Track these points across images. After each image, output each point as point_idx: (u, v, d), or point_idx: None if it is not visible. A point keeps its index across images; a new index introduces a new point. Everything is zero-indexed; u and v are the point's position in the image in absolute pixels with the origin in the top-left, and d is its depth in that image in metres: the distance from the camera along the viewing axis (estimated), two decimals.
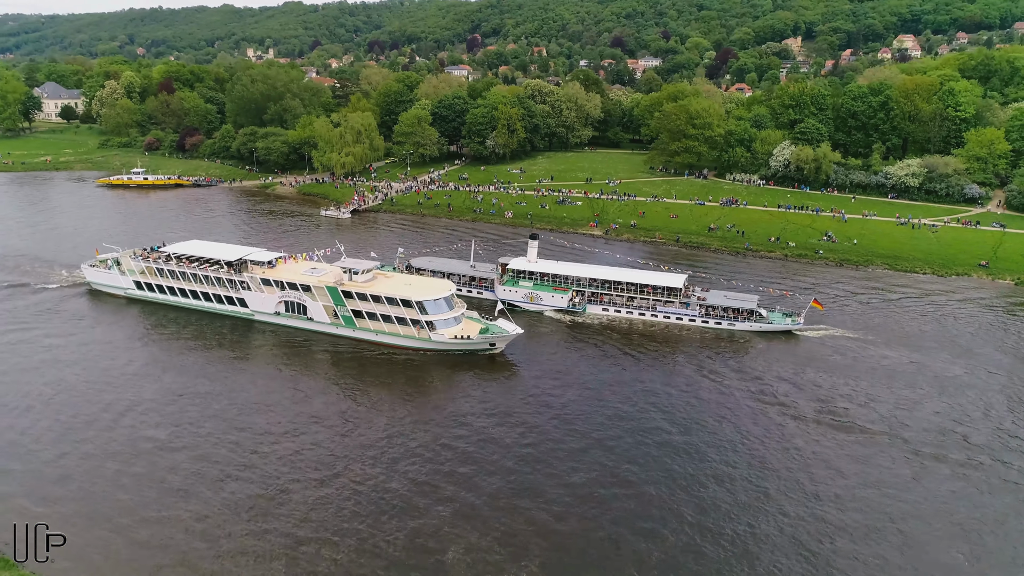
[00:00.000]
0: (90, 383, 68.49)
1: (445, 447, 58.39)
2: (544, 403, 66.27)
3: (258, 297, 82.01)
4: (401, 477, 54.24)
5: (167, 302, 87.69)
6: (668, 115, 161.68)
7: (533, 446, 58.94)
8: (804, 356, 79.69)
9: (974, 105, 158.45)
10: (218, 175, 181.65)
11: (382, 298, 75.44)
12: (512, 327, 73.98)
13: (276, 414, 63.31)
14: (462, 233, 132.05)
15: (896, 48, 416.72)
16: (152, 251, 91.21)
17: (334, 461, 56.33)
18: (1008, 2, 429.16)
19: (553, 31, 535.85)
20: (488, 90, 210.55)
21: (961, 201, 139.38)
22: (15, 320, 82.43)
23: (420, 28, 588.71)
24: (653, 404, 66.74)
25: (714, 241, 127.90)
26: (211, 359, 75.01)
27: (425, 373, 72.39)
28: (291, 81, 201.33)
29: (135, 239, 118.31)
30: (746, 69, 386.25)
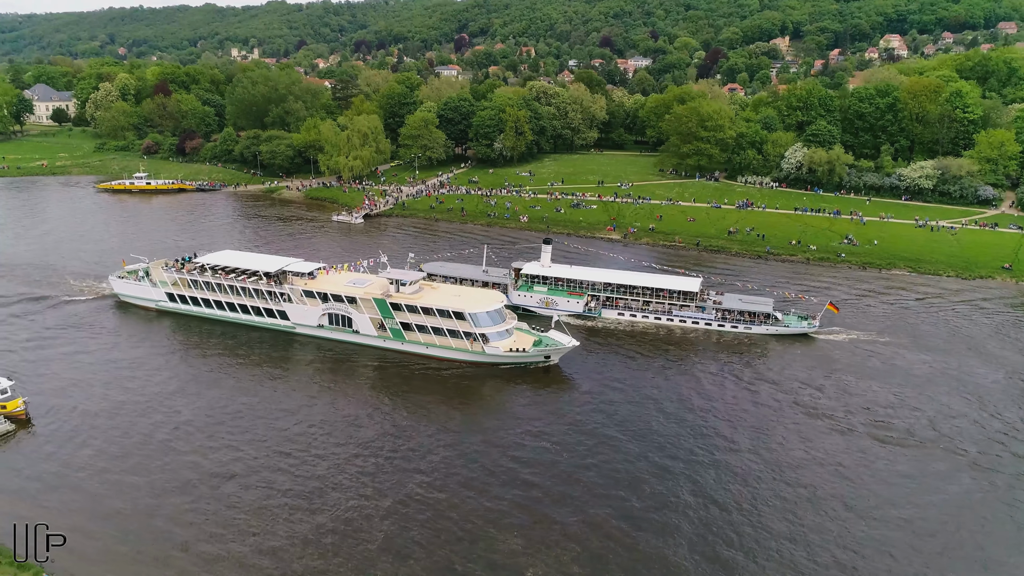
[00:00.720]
0: (131, 403, 66.50)
1: (506, 465, 57.21)
2: (603, 416, 65.24)
3: (300, 309, 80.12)
4: (466, 497, 53.06)
5: (201, 315, 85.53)
6: (679, 117, 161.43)
7: (598, 461, 57.97)
8: (842, 363, 79.02)
9: (982, 107, 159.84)
10: (221, 179, 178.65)
11: (433, 310, 73.89)
12: (567, 339, 72.72)
13: (325, 431, 61.77)
14: (476, 237, 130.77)
15: (883, 48, 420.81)
16: (184, 262, 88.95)
17: (394, 483, 54.90)
18: (992, 2, 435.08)
19: (541, 31, 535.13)
20: (491, 92, 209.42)
21: (975, 203, 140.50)
22: (46, 335, 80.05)
23: (406, 28, 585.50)
24: (709, 416, 66.10)
25: (734, 245, 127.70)
26: (252, 374, 73.05)
27: (477, 387, 71.00)
28: (292, 83, 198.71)
29: (155, 248, 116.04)
30: (736, 69, 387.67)
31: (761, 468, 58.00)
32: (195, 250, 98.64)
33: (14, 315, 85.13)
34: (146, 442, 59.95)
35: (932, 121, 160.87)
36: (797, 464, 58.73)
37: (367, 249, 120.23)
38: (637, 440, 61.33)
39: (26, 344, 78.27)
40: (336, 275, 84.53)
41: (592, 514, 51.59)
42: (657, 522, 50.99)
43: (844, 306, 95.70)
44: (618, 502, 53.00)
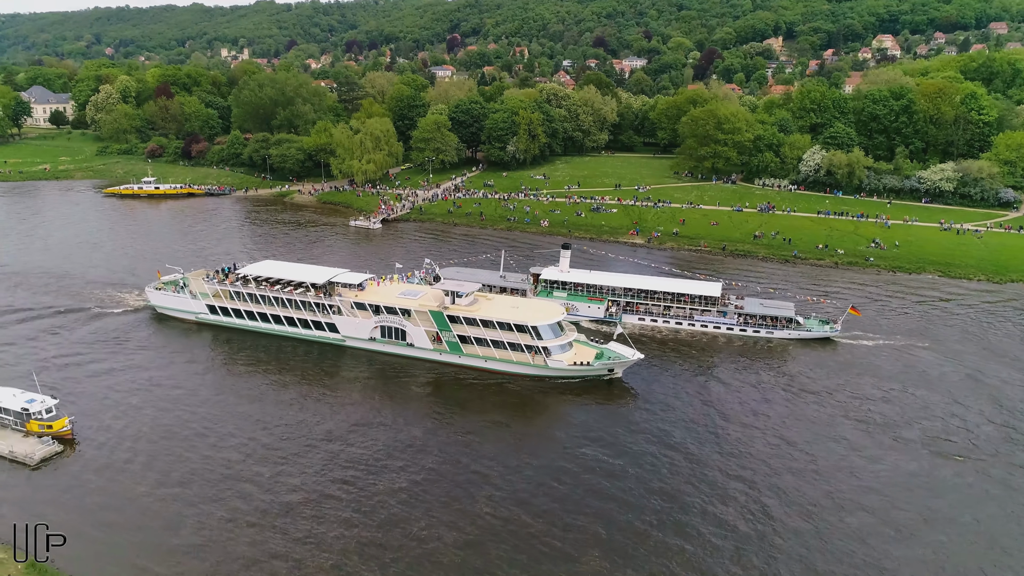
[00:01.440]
0: (178, 421, 64.23)
1: (576, 483, 55.60)
2: (674, 431, 64.02)
3: (351, 322, 78.22)
4: (539, 517, 51.54)
5: (244, 327, 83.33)
6: (696, 120, 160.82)
7: (671, 479, 56.75)
8: (884, 370, 78.21)
9: (996, 109, 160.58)
10: (230, 183, 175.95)
11: (493, 323, 72.32)
12: (631, 352, 71.32)
13: (385, 452, 59.76)
14: (496, 242, 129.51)
15: (876, 48, 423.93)
16: (224, 273, 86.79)
17: (463, 502, 53.20)
18: (983, 3, 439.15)
19: (534, 31, 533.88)
20: (500, 94, 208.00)
21: (996, 205, 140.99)
22: (83, 350, 77.62)
23: (397, 28, 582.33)
24: (768, 429, 65.02)
25: (760, 249, 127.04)
26: (302, 390, 70.75)
27: (540, 402, 69.31)
28: (300, 86, 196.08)
29: (178, 256, 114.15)
30: (733, 69, 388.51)
31: (844, 488, 56.98)
32: (232, 260, 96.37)
33: (47, 329, 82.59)
34: (201, 467, 57.58)
35: (947, 123, 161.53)
36: (877, 486, 57.78)
37: (388, 255, 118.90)
38: (713, 455, 60.16)
39: (63, 359, 75.87)
40: (387, 286, 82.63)
41: (677, 531, 50.38)
42: (757, 543, 49.89)
43: (875, 310, 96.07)
44: (704, 522, 51.79)
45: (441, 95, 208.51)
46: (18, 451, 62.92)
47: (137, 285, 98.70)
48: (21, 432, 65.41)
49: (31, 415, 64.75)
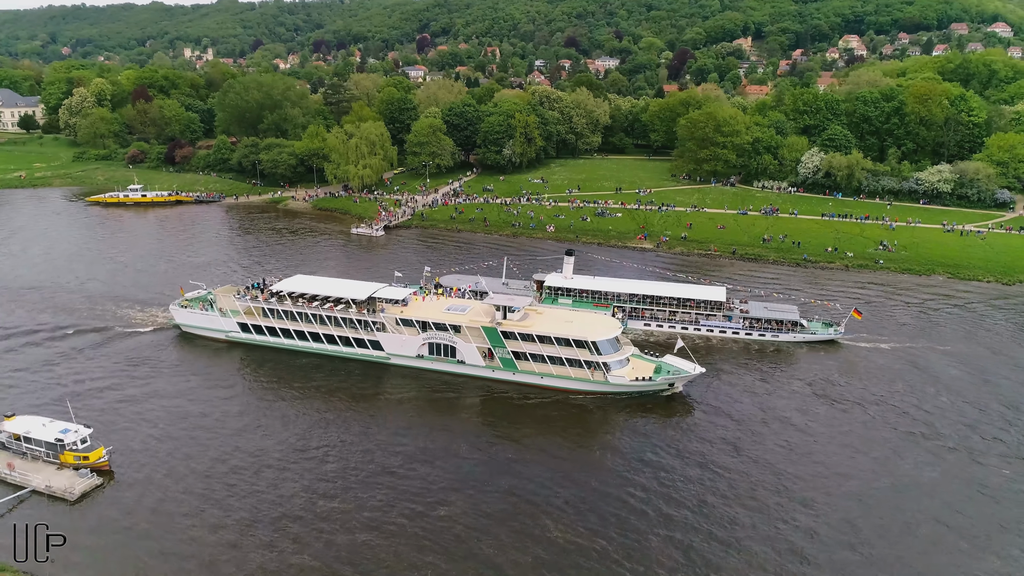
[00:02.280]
0: (215, 448, 61.43)
1: (649, 507, 54.45)
2: (741, 446, 63.16)
3: (396, 339, 75.68)
4: (610, 539, 50.33)
5: (279, 346, 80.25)
6: (695, 122, 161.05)
7: (750, 497, 56.05)
8: (907, 373, 78.80)
9: (986, 110, 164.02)
10: (219, 190, 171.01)
11: (551, 338, 70.50)
12: (691, 366, 70.22)
13: (445, 478, 57.88)
14: (502, 249, 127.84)
15: (843, 48, 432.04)
16: (255, 289, 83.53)
17: (531, 526, 51.59)
18: (944, 4, 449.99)
19: (504, 31, 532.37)
20: (491, 96, 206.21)
21: (992, 206, 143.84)
22: (109, 373, 73.98)
23: (366, 27, 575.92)
24: (827, 439, 64.80)
25: (770, 252, 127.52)
26: (347, 412, 68.00)
27: (600, 419, 67.68)
28: (287, 89, 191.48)
29: (187, 269, 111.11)
30: (706, 70, 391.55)
31: (910, 496, 56.85)
32: (262, 276, 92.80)
33: (65, 352, 78.53)
34: (249, 502, 54.75)
35: (937, 125, 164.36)
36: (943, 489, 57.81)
37: (394, 263, 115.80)
38: (784, 467, 59.59)
39: (89, 384, 72.18)
40: (432, 301, 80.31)
41: (755, 552, 49.64)
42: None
43: (891, 312, 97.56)
44: (789, 538, 51.11)
45: (429, 98, 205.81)
46: (56, 485, 59.55)
47: (149, 301, 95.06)
48: (54, 464, 62.06)
49: (65, 446, 61.46)
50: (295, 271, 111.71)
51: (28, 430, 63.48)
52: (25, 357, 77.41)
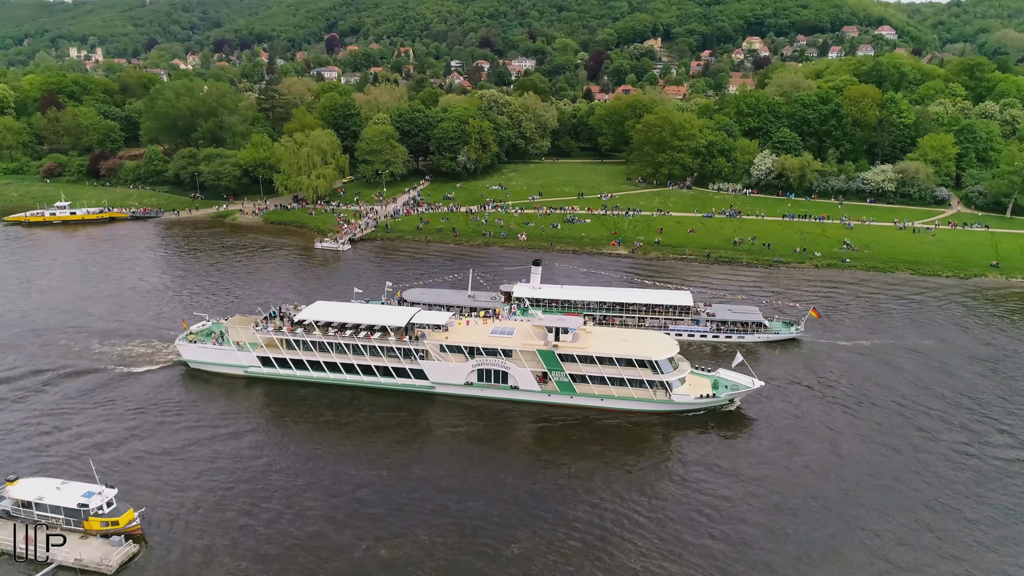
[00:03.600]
0: (251, 499, 56.54)
1: (730, 526, 54.11)
2: (812, 463, 62.92)
3: (442, 367, 71.72)
4: (696, 567, 49.67)
5: (306, 379, 74.63)
6: (651, 127, 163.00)
7: (826, 510, 56.53)
8: (884, 368, 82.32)
9: (914, 112, 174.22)
10: (157, 204, 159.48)
11: (613, 359, 68.75)
12: (750, 380, 69.99)
13: (510, 506, 55.63)
14: (473, 259, 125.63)
15: (747, 49, 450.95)
16: (274, 318, 77.46)
17: (614, 557, 50.13)
18: (835, 8, 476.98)
19: (416, 30, 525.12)
20: (435, 101, 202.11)
21: (932, 203, 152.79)
22: (118, 421, 66.71)
23: (269, 26, 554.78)
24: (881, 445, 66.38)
25: (743, 255, 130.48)
26: (391, 450, 63.76)
27: (666, 438, 66.44)
28: (223, 95, 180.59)
29: (157, 295, 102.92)
30: (623, 70, 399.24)
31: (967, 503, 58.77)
32: (278, 303, 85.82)
33: (58, 402, 70.32)
34: (304, 562, 50.41)
35: (871, 126, 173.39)
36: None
37: (365, 278, 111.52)
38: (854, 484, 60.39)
39: (97, 435, 64.97)
40: (476, 324, 76.64)
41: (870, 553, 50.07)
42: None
43: (870, 310, 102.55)
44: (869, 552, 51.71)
45: (370, 102, 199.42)
46: (88, 558, 53.24)
47: (130, 334, 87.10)
48: (78, 532, 55.47)
49: (91, 511, 54.97)
50: (264, 292, 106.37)
51: (40, 495, 56.40)
52: (12, 409, 68.81)
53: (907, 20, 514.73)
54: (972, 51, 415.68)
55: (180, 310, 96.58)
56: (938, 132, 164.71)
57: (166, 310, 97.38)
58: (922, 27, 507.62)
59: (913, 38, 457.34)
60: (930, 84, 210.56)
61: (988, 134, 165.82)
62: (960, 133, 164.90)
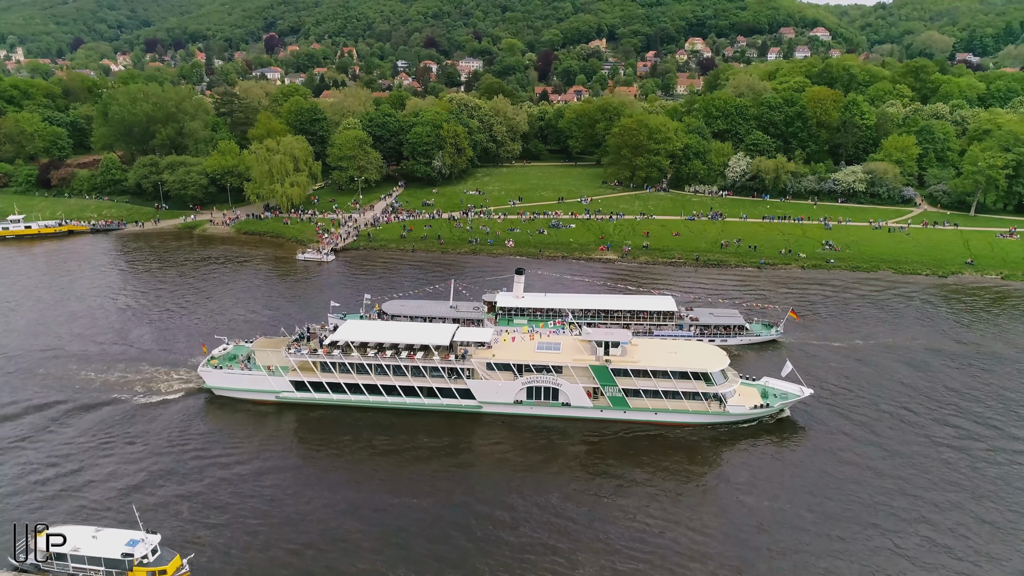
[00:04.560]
0: (298, 536, 53.75)
1: (806, 539, 54.19)
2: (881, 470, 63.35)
3: (490, 385, 69.45)
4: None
5: (344, 403, 71.19)
6: (628, 130, 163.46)
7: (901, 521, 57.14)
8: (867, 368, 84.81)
9: (874, 114, 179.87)
10: (118, 216, 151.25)
11: (668, 373, 67.99)
12: (798, 388, 70.07)
13: (562, 530, 54.36)
14: (462, 268, 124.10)
15: (690, 50, 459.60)
16: (303, 340, 73.68)
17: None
18: (772, 10, 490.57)
19: (359, 30, 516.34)
20: (401, 104, 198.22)
21: (900, 202, 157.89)
22: (151, 456, 62.19)
23: (203, 25, 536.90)
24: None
25: (730, 258, 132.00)
26: (442, 471, 61.76)
27: (719, 449, 65.89)
28: (182, 100, 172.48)
29: (144, 318, 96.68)
30: (572, 71, 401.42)
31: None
32: (305, 323, 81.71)
33: (74, 438, 65.13)
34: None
35: (834, 128, 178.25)
36: None
37: (351, 290, 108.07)
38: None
39: (126, 474, 60.39)
40: (521, 340, 74.35)
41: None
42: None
43: (856, 308, 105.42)
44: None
45: (334, 106, 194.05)
46: None
47: (131, 358, 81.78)
48: None
49: (135, 560, 51.08)
50: (252, 308, 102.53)
51: (76, 546, 52.04)
52: (26, 449, 63.38)
53: (838, 22, 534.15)
54: (899, 52, 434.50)
55: (168, 331, 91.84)
56: (896, 133, 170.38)
57: (154, 332, 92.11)
58: (851, 28, 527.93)
59: (846, 39, 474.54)
60: (879, 86, 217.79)
61: (945, 135, 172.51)
62: (919, 134, 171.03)
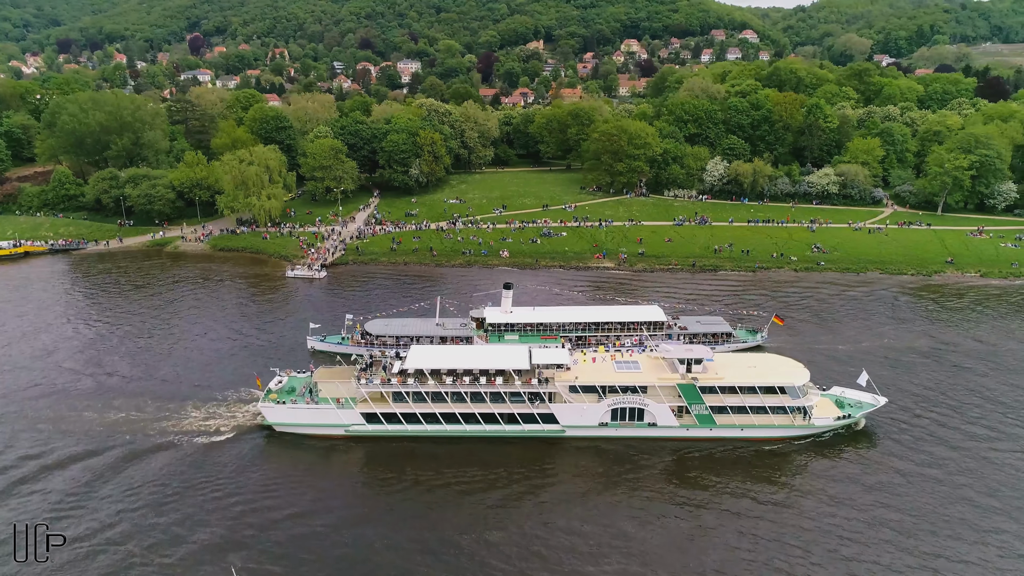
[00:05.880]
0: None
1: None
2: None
3: (574, 409, 67.27)
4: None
5: (420, 434, 67.81)
6: (608, 136, 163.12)
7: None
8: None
9: (837, 117, 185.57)
10: (78, 234, 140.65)
11: (755, 388, 67.53)
12: (871, 397, 70.84)
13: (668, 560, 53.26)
14: (459, 281, 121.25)
15: (626, 51, 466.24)
16: (368, 369, 69.38)
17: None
18: (702, 12, 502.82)
19: (289, 31, 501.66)
20: (366, 110, 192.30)
21: (871, 203, 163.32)
22: (231, 507, 56.96)
23: (121, 25, 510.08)
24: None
25: (726, 263, 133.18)
26: (541, 502, 59.07)
27: (806, 461, 65.86)
28: (138, 108, 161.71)
29: (149, 346, 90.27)
30: (514, 73, 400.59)
31: None
32: (367, 352, 76.96)
33: (150, 486, 59.19)
34: None
35: (800, 130, 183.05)
36: None
37: (347, 308, 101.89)
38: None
39: (218, 532, 54.98)
40: (601, 361, 71.98)
41: None
42: None
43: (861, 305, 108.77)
44: None
45: (296, 113, 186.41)
46: None
47: (158, 396, 75.39)
48: None
49: None
50: (248, 332, 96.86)
51: None
52: (89, 503, 57.06)
53: (762, 24, 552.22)
54: (821, 53, 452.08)
55: (170, 361, 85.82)
56: (858, 136, 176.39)
57: (154, 362, 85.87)
58: (775, 31, 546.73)
59: (773, 41, 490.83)
60: (826, 88, 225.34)
61: (903, 136, 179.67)
62: (880, 136, 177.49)
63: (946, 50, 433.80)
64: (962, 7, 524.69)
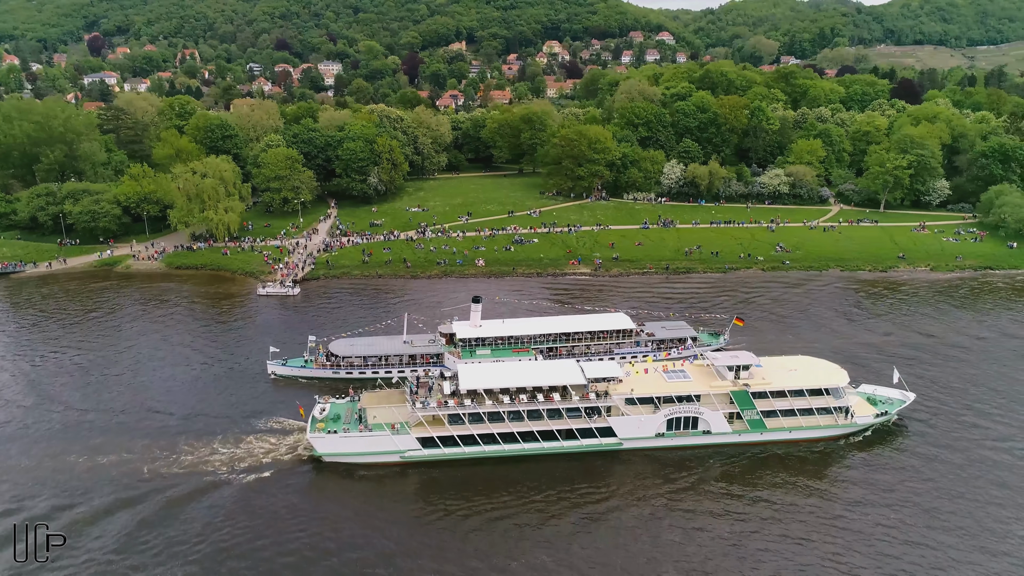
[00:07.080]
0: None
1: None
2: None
3: (632, 421, 67.32)
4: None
5: (478, 455, 65.91)
6: (569, 141, 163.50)
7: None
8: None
9: (777, 120, 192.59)
10: (15, 256, 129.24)
11: (803, 391, 69.60)
12: (900, 393, 73.85)
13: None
14: (434, 293, 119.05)
15: (548, 52, 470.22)
16: (418, 392, 66.49)
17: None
18: (620, 15, 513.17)
19: (198, 31, 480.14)
20: (311, 116, 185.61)
21: (819, 202, 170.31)
22: (300, 551, 53.08)
23: (9, 24, 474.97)
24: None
25: (697, 265, 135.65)
26: (600, 518, 58.18)
27: (843, 461, 67.81)
28: (69, 118, 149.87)
29: (123, 377, 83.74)
30: (440, 75, 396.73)
31: None
32: (413, 376, 73.55)
33: (211, 529, 54.38)
34: None
35: (745, 132, 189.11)
36: None
37: (327, 329, 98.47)
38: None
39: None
40: (651, 372, 71.86)
41: None
42: None
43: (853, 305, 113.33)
44: None
45: (242, 121, 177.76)
46: None
47: (173, 430, 69.76)
48: None
49: None
50: (235, 357, 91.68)
51: None
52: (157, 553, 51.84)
53: (676, 26, 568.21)
54: (732, 55, 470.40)
55: (147, 393, 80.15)
56: (797, 137, 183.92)
57: (129, 393, 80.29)
58: (687, 32, 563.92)
59: (688, 43, 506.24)
60: (756, 90, 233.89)
61: (840, 137, 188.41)
62: (819, 136, 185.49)
63: (846, 51, 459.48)
64: (858, 11, 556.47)
